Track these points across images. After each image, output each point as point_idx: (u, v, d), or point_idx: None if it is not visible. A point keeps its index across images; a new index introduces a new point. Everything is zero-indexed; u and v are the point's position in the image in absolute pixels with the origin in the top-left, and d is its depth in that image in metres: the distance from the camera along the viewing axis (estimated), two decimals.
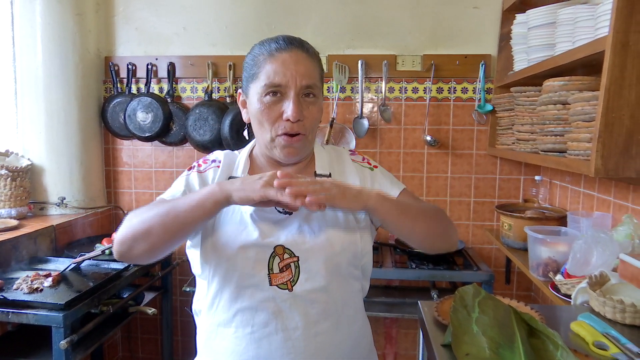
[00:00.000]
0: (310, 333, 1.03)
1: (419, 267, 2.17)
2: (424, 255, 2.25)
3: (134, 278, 2.09)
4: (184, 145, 2.63)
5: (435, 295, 2.13)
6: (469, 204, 2.51)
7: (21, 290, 1.75)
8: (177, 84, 2.62)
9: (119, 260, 1.05)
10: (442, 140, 2.47)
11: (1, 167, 2.17)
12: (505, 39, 2.25)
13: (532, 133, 1.85)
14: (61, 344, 1.61)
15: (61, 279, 1.87)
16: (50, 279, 1.81)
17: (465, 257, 2.31)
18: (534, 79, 1.84)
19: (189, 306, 1.31)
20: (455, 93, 2.46)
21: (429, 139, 2.43)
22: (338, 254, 1.05)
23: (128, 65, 2.57)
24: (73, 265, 1.98)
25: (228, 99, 2.53)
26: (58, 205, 2.39)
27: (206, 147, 2.51)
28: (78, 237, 2.38)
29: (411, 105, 2.49)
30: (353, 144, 2.45)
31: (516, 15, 2.04)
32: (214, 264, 1.05)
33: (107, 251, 2.10)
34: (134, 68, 2.59)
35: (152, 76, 2.58)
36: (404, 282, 2.49)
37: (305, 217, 1.06)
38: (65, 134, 2.41)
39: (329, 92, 2.50)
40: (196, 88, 2.61)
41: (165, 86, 2.59)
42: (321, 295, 1.04)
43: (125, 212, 2.67)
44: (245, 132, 1.32)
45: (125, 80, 2.59)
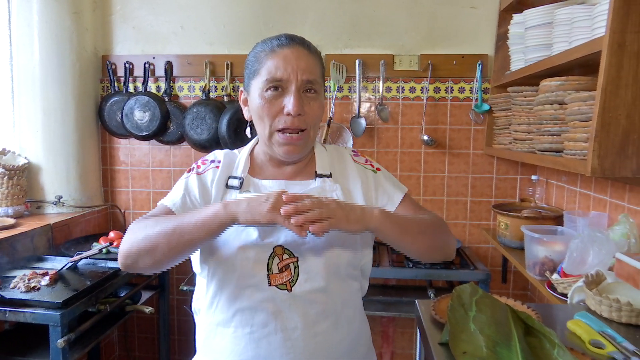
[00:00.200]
0: (310, 333, 1.03)
1: (415, 266, 2.17)
2: None
3: (131, 277, 2.08)
4: (181, 144, 2.63)
5: (432, 294, 2.14)
6: (466, 203, 2.52)
7: (18, 288, 1.75)
8: (175, 82, 2.61)
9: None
10: (439, 139, 2.48)
11: None
12: (502, 38, 2.25)
13: (529, 133, 1.86)
14: (58, 342, 1.61)
15: (58, 278, 1.87)
16: (47, 278, 1.80)
17: (462, 257, 2.31)
18: (531, 78, 1.85)
19: (187, 305, 1.31)
20: (452, 93, 2.47)
21: (426, 138, 2.44)
22: (337, 255, 1.06)
23: (125, 64, 2.56)
24: (70, 264, 1.98)
25: (225, 97, 2.52)
26: (55, 204, 2.38)
27: (203, 146, 2.50)
28: (75, 236, 2.38)
29: (408, 104, 2.49)
30: (350, 144, 2.45)
31: (513, 15, 2.04)
32: (213, 263, 1.05)
33: (104, 250, 2.10)
34: (131, 67, 2.59)
35: (150, 75, 2.57)
36: (401, 281, 2.49)
37: None
38: (62, 132, 2.41)
39: (326, 92, 2.50)
40: (193, 87, 2.61)
41: (162, 85, 2.59)
42: (320, 296, 1.04)
43: (122, 212, 2.67)
44: (247, 130, 1.32)
45: (122, 79, 2.59)
